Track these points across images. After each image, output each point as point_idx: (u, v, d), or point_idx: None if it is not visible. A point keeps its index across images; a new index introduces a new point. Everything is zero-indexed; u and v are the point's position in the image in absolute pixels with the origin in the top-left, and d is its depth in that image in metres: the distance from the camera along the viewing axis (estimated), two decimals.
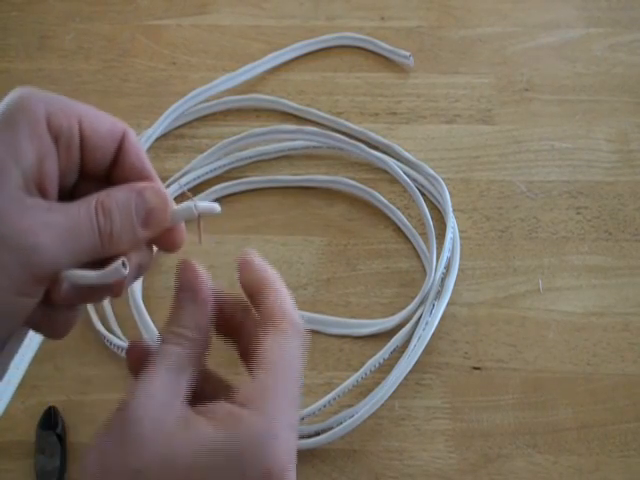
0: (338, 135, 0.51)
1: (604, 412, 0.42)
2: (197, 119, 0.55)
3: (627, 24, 0.60)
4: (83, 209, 0.24)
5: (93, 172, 0.26)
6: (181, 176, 0.51)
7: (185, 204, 0.26)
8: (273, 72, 0.58)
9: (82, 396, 0.43)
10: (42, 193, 0.24)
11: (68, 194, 0.26)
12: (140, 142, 0.27)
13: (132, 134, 0.27)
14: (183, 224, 0.27)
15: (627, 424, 0.42)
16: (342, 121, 0.53)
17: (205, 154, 0.52)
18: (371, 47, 0.59)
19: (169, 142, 0.54)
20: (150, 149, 0.53)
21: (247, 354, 0.26)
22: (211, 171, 0.52)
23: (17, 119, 0.24)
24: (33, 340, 0.44)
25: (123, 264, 0.24)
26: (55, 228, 0.23)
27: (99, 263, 0.25)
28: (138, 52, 0.59)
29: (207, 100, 0.55)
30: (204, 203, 0.27)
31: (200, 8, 0.62)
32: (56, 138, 0.24)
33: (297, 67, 0.58)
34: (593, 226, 0.49)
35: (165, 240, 0.27)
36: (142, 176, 0.26)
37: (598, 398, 0.43)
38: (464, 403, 0.43)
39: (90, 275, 0.24)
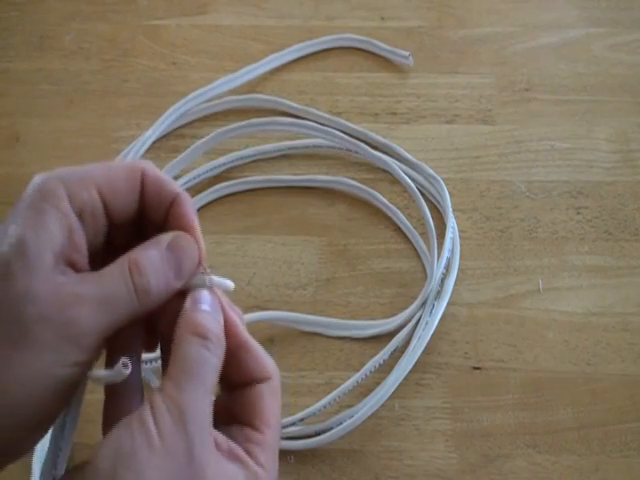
0: (340, 133, 0.51)
1: (604, 412, 0.42)
2: (198, 119, 0.55)
3: (627, 24, 0.60)
4: (117, 273, 0.25)
5: (122, 223, 0.27)
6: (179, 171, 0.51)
7: (199, 276, 0.27)
8: (273, 72, 0.58)
9: None
10: (73, 266, 0.25)
11: (101, 251, 0.27)
12: (160, 173, 0.28)
13: (149, 169, 0.27)
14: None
15: (627, 424, 0.42)
16: (342, 121, 0.53)
17: (202, 141, 0.52)
18: (371, 48, 0.59)
19: (170, 142, 0.54)
20: (150, 149, 0.53)
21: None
22: (210, 170, 0.52)
23: (41, 204, 0.25)
24: None
25: (124, 365, 0.25)
26: (89, 298, 0.24)
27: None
28: (138, 52, 0.59)
29: (208, 101, 0.55)
30: (218, 279, 0.28)
31: (200, 8, 0.62)
32: (80, 212, 0.25)
33: (297, 67, 0.58)
34: (593, 226, 0.49)
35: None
36: (167, 201, 0.27)
37: (598, 398, 0.43)
38: (464, 403, 0.43)
39: (100, 375, 0.26)
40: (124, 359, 0.25)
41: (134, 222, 0.28)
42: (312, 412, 0.41)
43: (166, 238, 0.27)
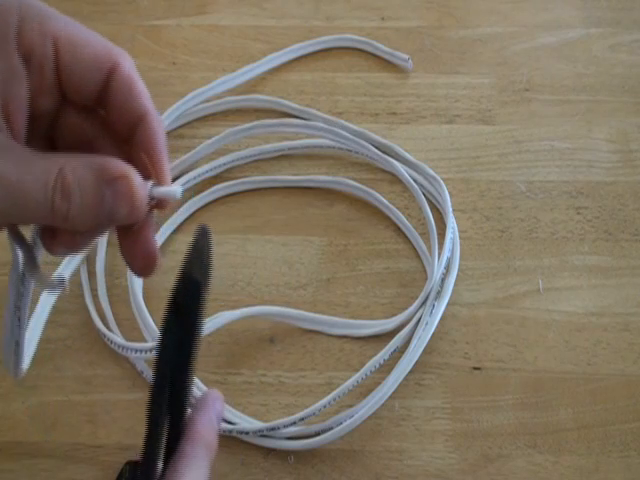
0: (346, 133, 0.51)
1: (604, 412, 0.42)
2: (197, 119, 0.55)
3: (627, 24, 0.60)
4: (41, 177, 0.21)
5: (78, 99, 0.24)
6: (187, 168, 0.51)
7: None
8: (273, 72, 0.58)
9: (82, 396, 0.43)
10: (6, 119, 0.21)
11: (50, 119, 0.24)
12: (137, 73, 0.25)
13: (126, 65, 0.24)
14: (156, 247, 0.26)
15: (627, 424, 0.42)
16: (342, 121, 0.53)
17: (211, 140, 0.52)
18: (370, 49, 0.59)
19: (169, 142, 0.54)
20: None
21: None
22: (211, 170, 0.52)
23: None
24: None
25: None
26: (3, 178, 0.20)
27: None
28: (138, 52, 0.59)
29: (207, 100, 0.55)
30: (164, 189, 0.24)
31: (200, 8, 0.62)
32: (26, 59, 0.21)
33: (297, 67, 0.58)
34: (593, 226, 0.49)
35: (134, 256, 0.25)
36: (135, 115, 0.24)
37: (598, 398, 0.43)
38: (464, 403, 0.43)
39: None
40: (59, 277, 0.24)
41: (91, 105, 0.24)
42: (312, 412, 0.41)
43: (113, 172, 0.22)
